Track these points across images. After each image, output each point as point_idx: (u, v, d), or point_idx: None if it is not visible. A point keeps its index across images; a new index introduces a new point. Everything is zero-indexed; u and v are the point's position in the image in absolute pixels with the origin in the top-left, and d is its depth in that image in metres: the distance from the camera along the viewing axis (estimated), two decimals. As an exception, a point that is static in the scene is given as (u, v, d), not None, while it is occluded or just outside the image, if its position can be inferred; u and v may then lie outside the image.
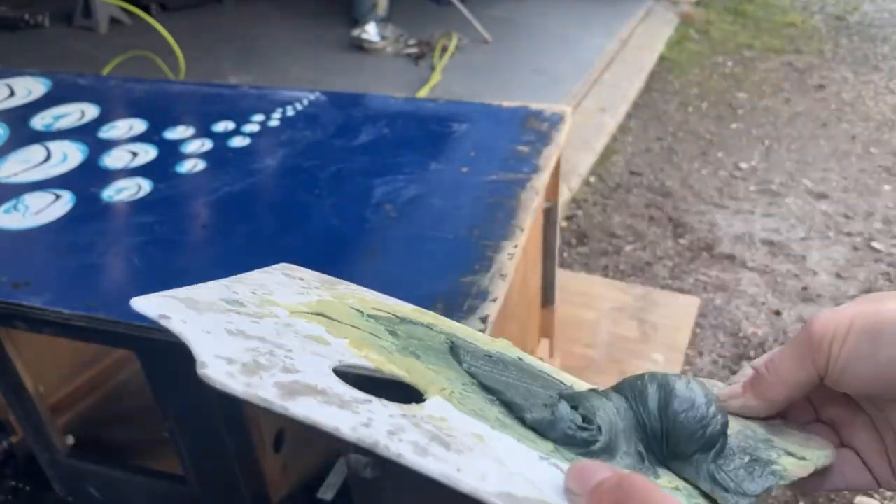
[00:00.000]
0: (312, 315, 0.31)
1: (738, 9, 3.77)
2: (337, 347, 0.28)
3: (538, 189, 0.74)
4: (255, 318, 0.28)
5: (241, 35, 3.14)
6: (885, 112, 2.53)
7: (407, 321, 0.36)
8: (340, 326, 0.31)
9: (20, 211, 0.75)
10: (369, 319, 0.33)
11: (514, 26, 3.27)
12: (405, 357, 0.30)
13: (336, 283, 0.40)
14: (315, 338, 0.28)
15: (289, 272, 0.39)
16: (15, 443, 0.89)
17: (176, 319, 0.26)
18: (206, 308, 0.28)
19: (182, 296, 0.29)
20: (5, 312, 0.63)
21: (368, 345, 0.30)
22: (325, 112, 0.94)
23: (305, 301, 0.33)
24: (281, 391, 0.23)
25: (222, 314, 0.28)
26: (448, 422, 0.25)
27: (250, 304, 0.30)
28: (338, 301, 0.35)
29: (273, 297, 0.32)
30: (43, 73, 1.08)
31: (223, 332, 0.26)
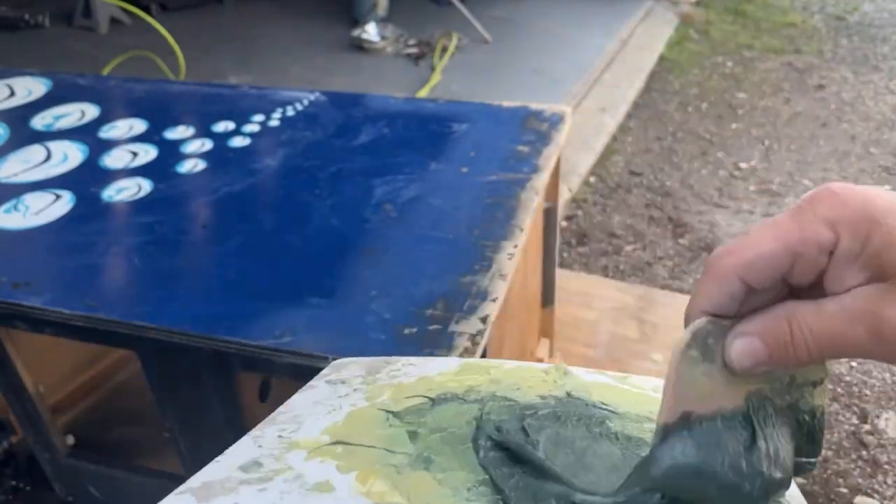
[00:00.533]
0: (330, 447, 0.34)
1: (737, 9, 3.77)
2: (340, 491, 0.30)
3: (538, 189, 0.74)
4: (263, 485, 0.31)
5: (241, 35, 3.14)
6: (885, 112, 2.53)
7: (440, 400, 0.37)
8: (355, 452, 0.33)
9: (20, 211, 0.75)
10: (394, 423, 0.36)
11: (514, 26, 3.27)
12: (414, 471, 0.32)
13: (381, 367, 0.42)
14: (321, 486, 0.31)
15: (333, 376, 0.42)
16: (15, 442, 0.89)
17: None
18: (219, 491, 0.30)
19: (198, 483, 0.31)
20: (6, 312, 0.63)
21: (376, 472, 0.32)
22: (325, 112, 0.94)
23: (331, 424, 0.36)
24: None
25: (230, 495, 0.30)
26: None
27: (268, 461, 0.33)
28: (368, 407, 0.37)
29: (297, 437, 0.35)
30: (43, 74, 1.08)
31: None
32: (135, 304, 0.60)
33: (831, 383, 1.33)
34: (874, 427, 1.21)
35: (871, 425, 1.21)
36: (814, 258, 0.26)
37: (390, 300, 0.59)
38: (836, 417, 1.23)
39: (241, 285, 0.62)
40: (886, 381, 1.32)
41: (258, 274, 0.64)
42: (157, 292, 0.62)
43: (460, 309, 0.57)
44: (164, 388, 0.65)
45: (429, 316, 0.57)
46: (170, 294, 0.61)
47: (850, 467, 1.13)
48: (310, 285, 0.62)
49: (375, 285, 0.61)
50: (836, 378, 1.33)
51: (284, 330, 0.56)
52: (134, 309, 0.60)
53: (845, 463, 1.14)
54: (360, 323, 0.57)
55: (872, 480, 1.11)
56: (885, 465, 1.13)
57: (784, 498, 0.31)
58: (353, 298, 0.60)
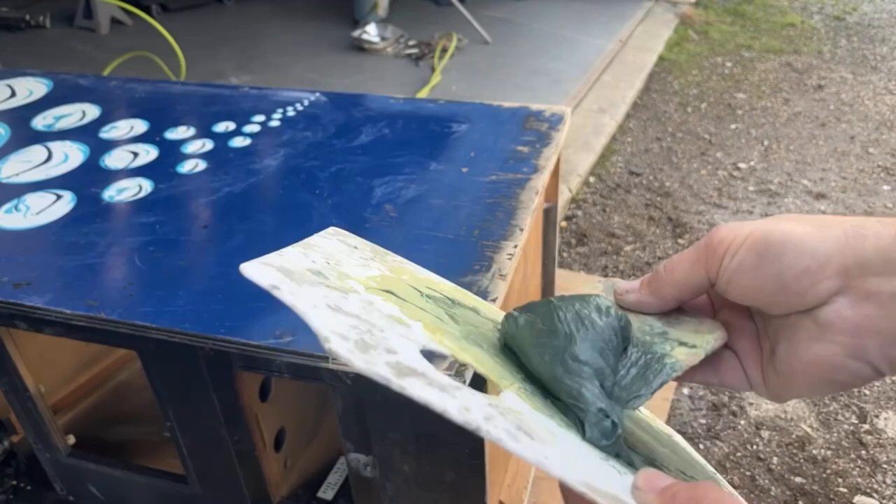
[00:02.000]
0: (383, 292, 0.31)
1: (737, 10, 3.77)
2: (415, 331, 0.29)
3: (538, 189, 0.74)
4: (342, 294, 0.29)
5: (241, 36, 3.14)
6: (884, 112, 2.53)
7: (457, 304, 0.36)
8: (410, 307, 0.31)
9: (21, 211, 0.75)
10: (429, 300, 0.34)
11: (513, 27, 3.27)
12: (471, 346, 0.31)
13: (384, 253, 0.40)
14: (396, 319, 0.29)
15: (342, 238, 0.38)
16: (16, 442, 0.89)
17: (285, 291, 0.27)
18: (301, 279, 0.28)
19: (276, 263, 0.29)
20: (6, 312, 0.63)
21: (440, 330, 0.30)
22: (325, 112, 0.94)
23: (370, 275, 0.33)
24: (392, 371, 0.24)
25: (316, 287, 0.28)
26: (524, 416, 0.26)
27: (332, 277, 0.30)
28: (395, 277, 0.35)
29: (345, 269, 0.32)
30: (44, 74, 1.09)
31: (325, 307, 0.27)
32: (136, 304, 0.60)
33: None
34: (873, 427, 1.21)
35: (871, 425, 1.21)
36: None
37: (390, 300, 0.59)
38: (836, 417, 1.23)
39: (242, 285, 0.62)
40: (886, 381, 1.32)
41: (259, 274, 0.64)
42: (157, 292, 0.62)
43: (460, 308, 0.58)
44: (164, 387, 0.65)
45: (429, 315, 0.57)
46: (171, 294, 0.61)
47: (850, 467, 1.13)
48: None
49: (375, 285, 0.61)
50: (836, 378, 1.33)
51: (285, 330, 0.56)
52: (135, 309, 0.60)
53: (844, 462, 1.14)
54: (360, 322, 0.57)
55: (871, 480, 1.11)
56: (884, 464, 1.13)
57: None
58: (354, 298, 0.60)
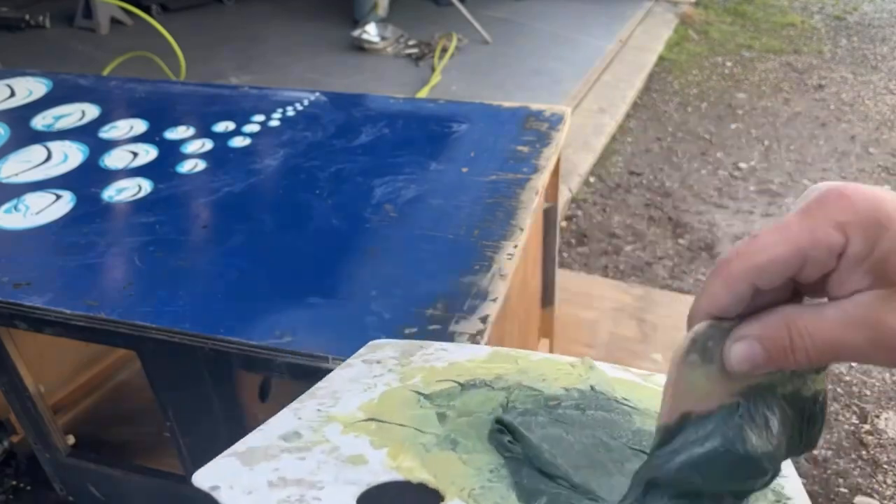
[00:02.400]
0: (365, 423, 0.35)
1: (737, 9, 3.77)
2: (373, 465, 0.32)
3: (538, 189, 0.74)
4: (302, 455, 0.33)
5: (241, 36, 3.14)
6: (885, 112, 2.53)
7: (469, 386, 0.39)
8: (387, 431, 0.35)
9: (21, 211, 0.75)
10: (424, 404, 0.37)
11: (513, 27, 3.27)
12: (442, 451, 0.34)
13: (416, 350, 0.44)
14: (355, 459, 0.33)
15: (369, 356, 0.43)
16: (16, 442, 0.89)
17: (224, 487, 0.30)
18: (262, 457, 0.32)
19: (244, 448, 0.33)
20: (6, 312, 0.63)
21: (406, 449, 0.34)
22: (325, 112, 0.94)
23: (367, 402, 0.37)
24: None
25: (272, 461, 0.32)
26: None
27: (307, 432, 0.34)
28: (401, 388, 0.39)
29: (334, 411, 0.36)
30: (44, 74, 1.08)
31: (265, 485, 0.30)
32: (135, 304, 0.60)
33: (831, 383, 1.33)
34: (874, 427, 1.21)
35: (871, 425, 1.21)
36: (823, 261, 0.25)
37: (390, 300, 0.59)
38: (836, 417, 1.23)
39: (242, 285, 0.62)
40: (886, 381, 1.32)
41: (258, 274, 0.64)
42: (157, 292, 0.62)
43: (460, 309, 0.58)
44: (164, 387, 0.65)
45: (429, 316, 0.57)
46: (170, 294, 0.61)
47: (850, 467, 1.13)
48: (310, 285, 0.62)
49: (375, 285, 0.61)
50: (836, 378, 1.34)
51: (284, 330, 0.56)
52: (134, 309, 0.60)
53: (845, 463, 1.14)
54: (360, 323, 0.57)
55: (872, 480, 1.11)
56: (884, 464, 1.13)
57: (784, 489, 0.31)
58: (354, 298, 0.60)
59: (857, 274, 0.25)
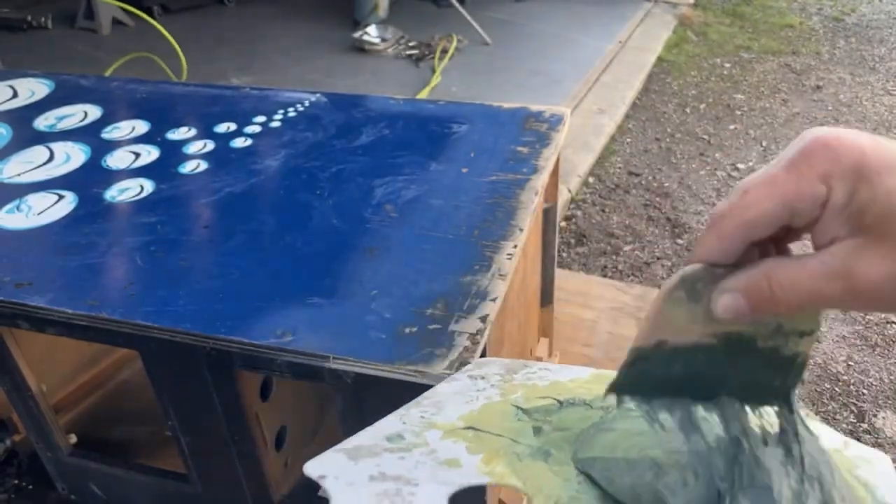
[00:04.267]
0: (463, 430, 0.37)
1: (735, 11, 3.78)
2: (467, 469, 0.34)
3: (537, 189, 0.75)
4: (403, 455, 0.35)
5: (242, 37, 3.14)
6: (882, 113, 2.54)
7: (568, 404, 0.40)
8: (484, 438, 0.37)
9: (23, 211, 0.76)
10: (522, 418, 0.39)
11: (513, 28, 3.28)
12: (534, 461, 0.35)
13: (519, 368, 0.45)
14: (450, 462, 0.35)
15: (475, 372, 0.45)
16: (18, 441, 0.89)
17: (330, 478, 0.32)
18: (366, 454, 0.35)
19: (352, 445, 0.35)
20: (8, 312, 0.63)
21: (500, 456, 0.35)
22: (326, 113, 0.95)
23: (467, 412, 0.39)
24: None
25: (375, 458, 0.34)
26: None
27: (409, 435, 0.37)
28: (501, 402, 0.40)
29: (436, 419, 0.39)
30: (46, 75, 1.09)
31: (366, 479, 0.33)
32: (137, 304, 0.61)
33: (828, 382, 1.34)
34: (871, 426, 1.21)
35: (869, 424, 1.22)
36: (809, 211, 0.27)
37: (390, 300, 0.60)
38: (834, 416, 1.24)
39: (243, 285, 0.63)
40: (884, 381, 1.32)
41: (259, 273, 0.64)
42: (159, 292, 0.62)
43: (460, 309, 0.58)
44: (165, 387, 0.66)
45: (429, 315, 0.58)
46: (172, 294, 0.62)
47: (848, 467, 1.13)
48: (310, 285, 0.62)
49: (376, 285, 0.62)
50: (834, 377, 1.34)
51: (285, 329, 0.57)
52: (136, 308, 0.60)
53: (843, 462, 1.14)
54: (360, 322, 0.57)
55: (870, 480, 1.11)
56: (882, 464, 1.14)
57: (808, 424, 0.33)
58: (354, 298, 0.60)
59: (837, 223, 0.26)
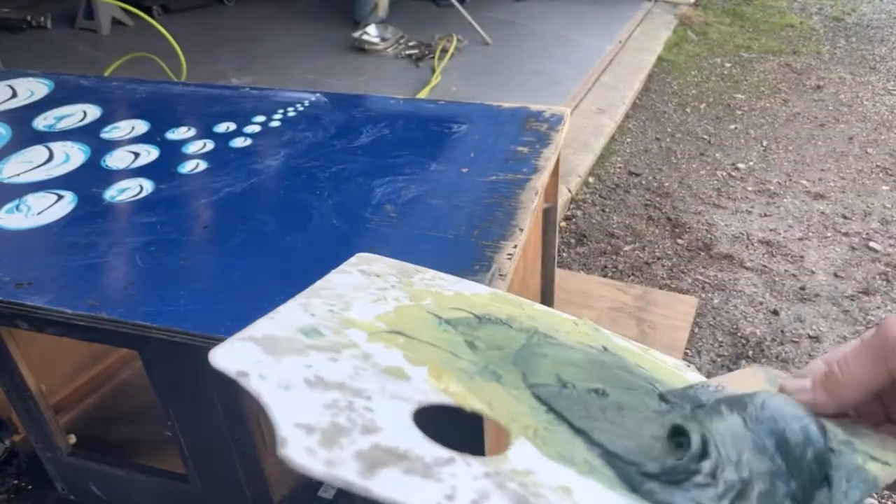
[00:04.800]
0: (391, 335, 0.31)
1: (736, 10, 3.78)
2: (416, 382, 0.28)
3: (537, 189, 0.75)
4: (333, 355, 0.29)
5: (242, 37, 3.14)
6: (883, 113, 2.54)
7: (486, 320, 0.36)
8: (419, 347, 0.31)
9: (22, 211, 0.76)
10: (447, 328, 0.34)
11: (513, 28, 3.28)
12: (486, 381, 0.30)
13: (412, 272, 0.40)
14: (394, 371, 0.29)
15: (365, 267, 0.39)
16: (17, 441, 0.89)
17: (254, 375, 0.26)
18: (285, 348, 0.28)
19: (260, 334, 0.29)
20: (8, 312, 0.63)
21: (448, 371, 0.30)
22: (325, 113, 0.95)
23: (383, 312, 0.33)
24: (362, 464, 0.23)
25: (300, 356, 0.28)
26: (534, 475, 0.25)
27: (328, 331, 0.30)
28: (415, 305, 0.35)
29: (350, 314, 0.32)
30: (45, 75, 1.09)
31: (302, 383, 0.26)
32: (137, 304, 0.61)
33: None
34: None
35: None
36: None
37: (390, 299, 0.60)
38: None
39: (243, 285, 0.63)
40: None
41: (259, 273, 0.64)
42: (158, 292, 0.62)
43: (460, 308, 0.58)
44: (165, 387, 0.65)
45: (429, 315, 0.57)
46: (171, 294, 0.62)
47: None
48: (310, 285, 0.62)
49: (376, 285, 0.61)
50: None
51: (286, 329, 0.56)
52: (136, 308, 0.60)
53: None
54: (360, 322, 0.57)
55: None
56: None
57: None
58: (354, 298, 0.60)
59: None
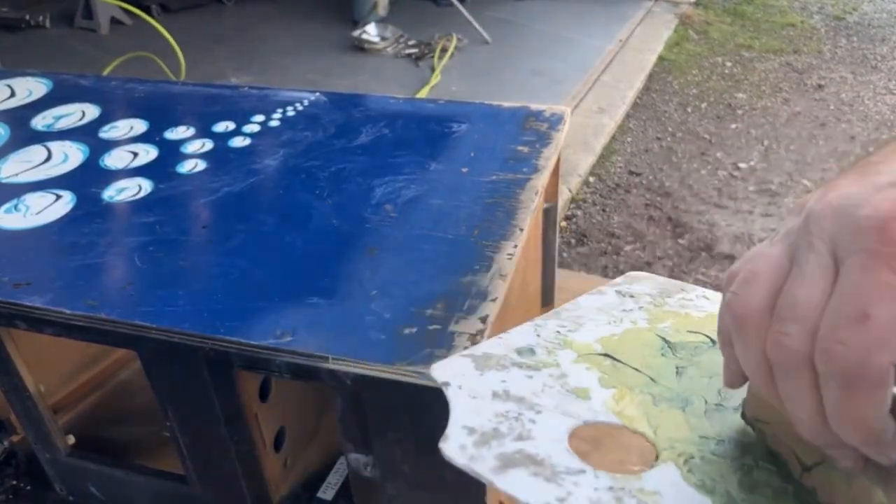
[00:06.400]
0: (599, 357, 0.34)
1: (736, 9, 3.77)
2: (595, 402, 0.31)
3: (538, 189, 0.74)
4: (531, 373, 0.32)
5: (241, 36, 3.14)
6: (884, 112, 2.54)
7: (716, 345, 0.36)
8: (621, 371, 0.33)
9: (21, 211, 0.75)
10: (666, 353, 0.35)
11: (513, 27, 3.27)
12: (671, 408, 0.31)
13: (675, 291, 0.41)
14: (579, 391, 0.32)
15: (624, 287, 0.41)
16: (16, 442, 0.89)
17: (454, 386, 0.31)
18: (494, 364, 0.33)
19: (480, 351, 0.34)
20: (6, 312, 0.63)
21: (634, 394, 0.32)
22: (325, 112, 0.94)
23: (608, 335, 0.36)
24: (498, 463, 0.27)
25: (502, 371, 0.32)
26: (659, 496, 0.26)
27: (541, 351, 0.34)
28: (647, 329, 0.37)
29: (573, 337, 0.35)
30: (44, 74, 1.09)
31: (489, 394, 0.31)
32: (136, 304, 0.60)
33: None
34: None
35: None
36: None
37: (390, 300, 0.59)
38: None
39: (242, 285, 0.62)
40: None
41: (259, 274, 0.64)
42: (157, 292, 0.62)
43: (460, 309, 0.58)
44: (164, 387, 0.65)
45: (429, 316, 0.57)
46: (171, 294, 0.61)
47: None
48: (310, 285, 0.62)
49: (375, 285, 0.61)
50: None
51: (284, 330, 0.56)
52: (135, 309, 0.60)
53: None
54: (359, 322, 0.57)
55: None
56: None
57: None
58: (353, 298, 0.60)
59: None
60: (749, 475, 0.28)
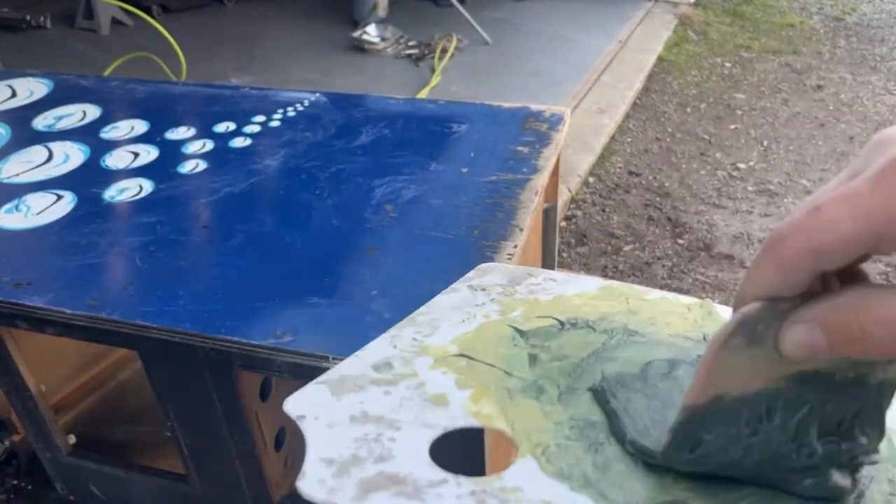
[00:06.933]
0: (454, 358, 0.34)
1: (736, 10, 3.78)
2: (453, 408, 0.31)
3: (537, 189, 0.75)
4: (389, 388, 0.32)
5: (242, 36, 3.14)
6: (883, 113, 2.54)
7: (569, 326, 0.37)
8: (476, 369, 0.34)
9: (22, 211, 0.76)
10: (518, 343, 0.35)
11: (513, 28, 3.27)
12: (525, 399, 0.32)
13: (523, 278, 0.41)
14: (437, 398, 0.32)
15: (475, 282, 0.41)
16: (17, 441, 0.89)
17: (309, 418, 0.30)
18: (350, 387, 0.32)
19: (337, 375, 0.33)
20: (7, 312, 0.63)
21: (490, 392, 0.32)
22: (325, 113, 0.94)
23: (462, 334, 0.36)
24: (358, 490, 0.26)
25: (358, 393, 0.32)
26: (520, 492, 0.27)
27: (398, 363, 0.34)
28: (499, 321, 0.37)
29: (429, 342, 0.35)
30: (45, 74, 1.09)
31: (347, 419, 0.30)
32: (136, 304, 0.61)
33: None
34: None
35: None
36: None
37: (390, 300, 0.60)
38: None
39: (242, 285, 0.63)
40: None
41: (259, 274, 0.64)
42: (158, 292, 0.62)
43: (460, 308, 0.58)
44: (164, 387, 0.65)
45: (428, 315, 0.57)
46: (171, 294, 0.62)
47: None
48: (310, 285, 0.62)
49: (375, 285, 0.61)
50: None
51: (285, 329, 0.56)
52: (135, 308, 0.60)
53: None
54: (360, 322, 0.57)
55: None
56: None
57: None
58: (354, 298, 0.60)
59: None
60: (602, 453, 0.29)
